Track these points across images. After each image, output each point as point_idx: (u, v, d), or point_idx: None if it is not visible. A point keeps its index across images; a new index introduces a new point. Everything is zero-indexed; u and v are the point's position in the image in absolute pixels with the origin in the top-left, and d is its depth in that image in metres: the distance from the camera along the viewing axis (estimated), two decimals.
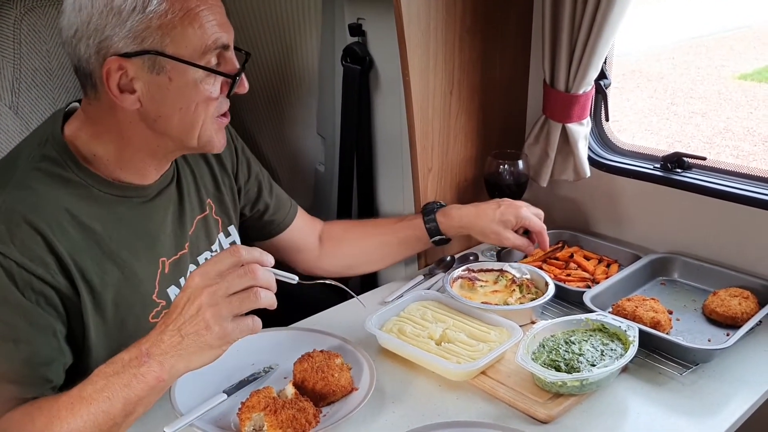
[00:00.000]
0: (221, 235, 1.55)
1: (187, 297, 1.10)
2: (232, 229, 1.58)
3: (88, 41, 1.20)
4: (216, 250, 1.52)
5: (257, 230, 1.70)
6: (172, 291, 1.40)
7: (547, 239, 1.74)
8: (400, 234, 1.80)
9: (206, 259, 1.49)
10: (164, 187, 1.41)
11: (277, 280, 1.15)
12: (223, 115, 1.33)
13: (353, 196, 2.13)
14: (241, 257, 1.11)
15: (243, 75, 1.29)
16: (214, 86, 1.26)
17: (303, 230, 1.76)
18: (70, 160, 1.27)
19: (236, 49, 1.32)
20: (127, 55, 1.19)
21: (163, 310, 1.37)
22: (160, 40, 1.19)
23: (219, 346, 1.11)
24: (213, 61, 1.25)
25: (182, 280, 1.43)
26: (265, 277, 1.12)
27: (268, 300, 1.12)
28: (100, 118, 1.28)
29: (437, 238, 1.78)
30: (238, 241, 1.59)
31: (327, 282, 1.33)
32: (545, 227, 1.74)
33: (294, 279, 1.20)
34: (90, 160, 1.29)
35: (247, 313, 1.12)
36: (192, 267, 1.46)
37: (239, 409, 1.28)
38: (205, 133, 1.29)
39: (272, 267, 1.15)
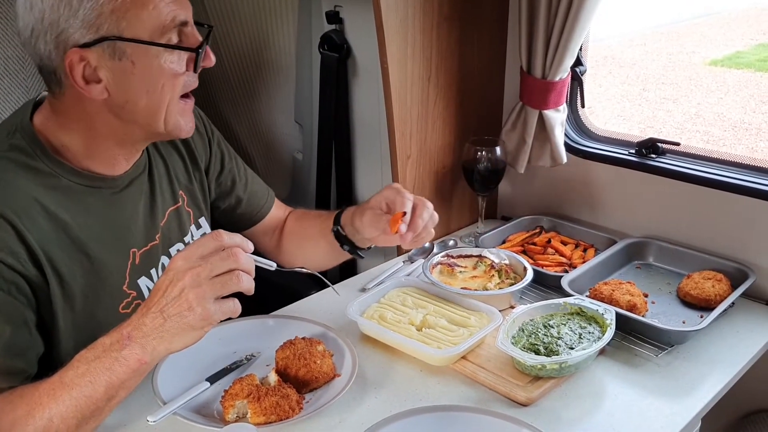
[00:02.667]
0: (193, 227, 1.54)
1: (170, 279, 1.11)
2: (203, 221, 1.57)
3: (46, 38, 1.18)
4: (188, 242, 1.51)
5: (228, 222, 1.69)
6: (143, 282, 1.39)
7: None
8: (326, 228, 1.65)
9: (178, 250, 1.48)
10: (135, 177, 1.39)
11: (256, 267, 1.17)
12: (187, 96, 1.31)
13: (332, 184, 2.13)
14: (223, 242, 1.12)
15: (207, 47, 1.27)
16: (178, 63, 1.24)
17: (271, 225, 1.75)
18: (38, 150, 1.25)
19: (198, 24, 1.30)
20: (86, 45, 1.18)
21: (133, 301, 1.37)
22: (116, 25, 1.17)
23: (201, 327, 1.11)
24: (174, 38, 1.24)
25: (153, 271, 1.42)
26: (246, 261, 1.13)
27: (248, 284, 1.13)
28: (66, 111, 1.27)
29: (336, 227, 1.62)
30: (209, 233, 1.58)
31: (303, 270, 1.34)
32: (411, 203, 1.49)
33: (272, 265, 1.22)
34: (59, 150, 1.28)
35: (227, 297, 1.13)
36: (164, 258, 1.45)
37: (222, 396, 1.28)
38: (171, 117, 1.27)
39: (251, 253, 1.16)
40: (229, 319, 1.15)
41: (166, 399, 1.27)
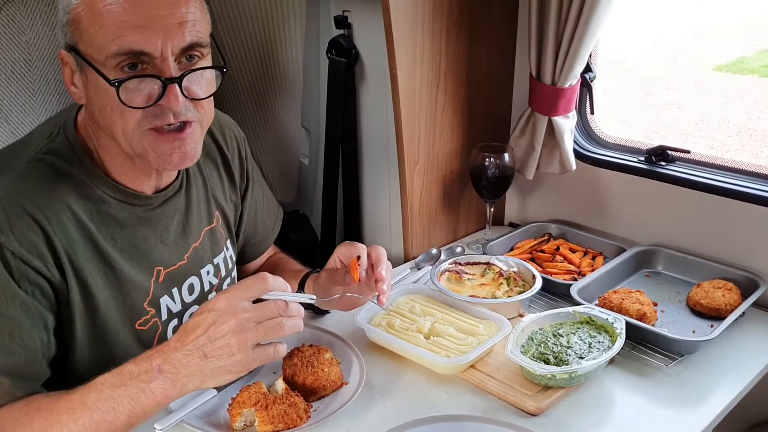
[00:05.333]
0: (224, 248, 1.52)
1: (213, 319, 1.11)
2: (230, 244, 1.55)
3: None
4: (218, 264, 1.48)
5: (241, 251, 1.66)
6: (164, 301, 1.37)
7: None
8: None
9: (208, 272, 1.46)
10: (170, 197, 1.36)
11: None
12: (177, 130, 1.18)
13: (338, 189, 2.12)
14: (269, 285, 1.13)
15: (173, 87, 1.12)
16: (124, 94, 1.12)
17: (258, 264, 1.72)
18: (76, 156, 1.24)
19: (221, 54, 1.24)
20: (66, 49, 1.17)
21: (151, 319, 1.35)
22: (73, 36, 1.14)
23: (237, 372, 1.14)
24: (129, 62, 1.11)
25: (175, 291, 1.39)
26: (293, 308, 1.15)
27: (295, 328, 1.15)
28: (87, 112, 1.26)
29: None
30: (234, 257, 1.56)
31: (346, 296, 1.38)
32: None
33: (312, 299, 1.24)
34: (93, 155, 1.26)
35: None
36: (193, 279, 1.42)
37: (229, 404, 1.28)
38: (133, 144, 1.18)
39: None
40: None
41: (173, 407, 1.26)
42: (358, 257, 1.39)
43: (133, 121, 1.15)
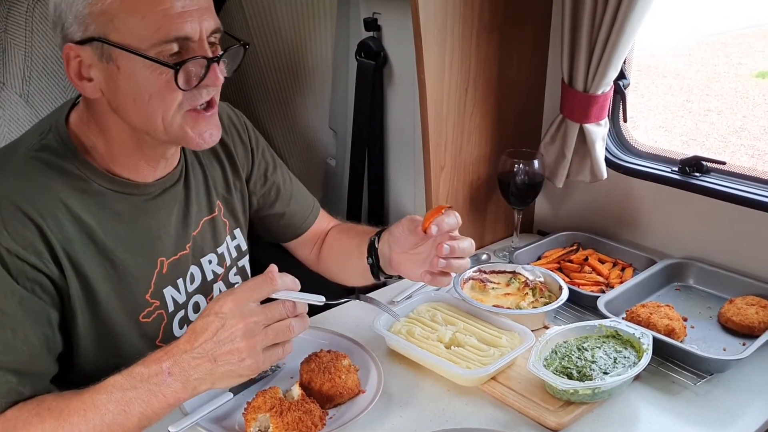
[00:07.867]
0: (228, 238, 1.52)
1: (221, 323, 1.11)
2: (238, 233, 1.55)
3: (57, 30, 1.20)
4: (222, 253, 1.49)
5: (269, 233, 1.67)
6: (168, 292, 1.38)
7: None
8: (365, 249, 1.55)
9: (210, 261, 1.46)
10: (169, 186, 1.37)
11: None
12: (209, 106, 1.24)
13: (363, 192, 2.11)
14: (277, 286, 1.13)
15: (215, 65, 1.19)
16: (167, 78, 1.16)
17: (312, 238, 1.71)
18: (70, 152, 1.25)
19: (232, 36, 1.26)
20: (80, 42, 1.17)
21: (155, 311, 1.35)
22: (104, 27, 1.14)
23: (247, 375, 1.14)
24: (175, 48, 1.16)
25: (180, 281, 1.40)
26: (300, 307, 1.15)
27: (301, 328, 1.15)
28: (88, 108, 1.27)
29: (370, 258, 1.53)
30: (243, 245, 1.56)
31: (355, 298, 1.37)
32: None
33: (321, 300, 1.22)
34: (89, 151, 1.27)
35: None
36: (194, 268, 1.43)
37: (245, 409, 1.26)
38: (172, 128, 1.21)
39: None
40: None
41: (188, 409, 1.26)
42: (450, 206, 1.36)
43: (175, 104, 1.19)
